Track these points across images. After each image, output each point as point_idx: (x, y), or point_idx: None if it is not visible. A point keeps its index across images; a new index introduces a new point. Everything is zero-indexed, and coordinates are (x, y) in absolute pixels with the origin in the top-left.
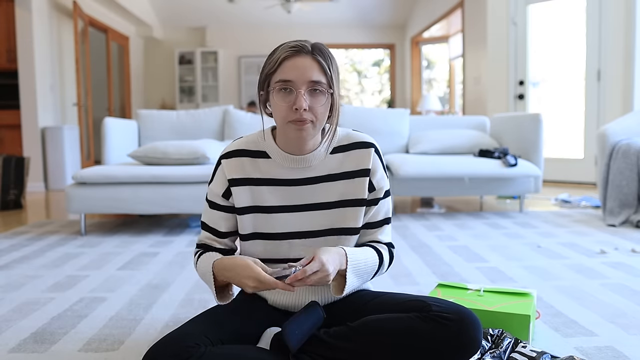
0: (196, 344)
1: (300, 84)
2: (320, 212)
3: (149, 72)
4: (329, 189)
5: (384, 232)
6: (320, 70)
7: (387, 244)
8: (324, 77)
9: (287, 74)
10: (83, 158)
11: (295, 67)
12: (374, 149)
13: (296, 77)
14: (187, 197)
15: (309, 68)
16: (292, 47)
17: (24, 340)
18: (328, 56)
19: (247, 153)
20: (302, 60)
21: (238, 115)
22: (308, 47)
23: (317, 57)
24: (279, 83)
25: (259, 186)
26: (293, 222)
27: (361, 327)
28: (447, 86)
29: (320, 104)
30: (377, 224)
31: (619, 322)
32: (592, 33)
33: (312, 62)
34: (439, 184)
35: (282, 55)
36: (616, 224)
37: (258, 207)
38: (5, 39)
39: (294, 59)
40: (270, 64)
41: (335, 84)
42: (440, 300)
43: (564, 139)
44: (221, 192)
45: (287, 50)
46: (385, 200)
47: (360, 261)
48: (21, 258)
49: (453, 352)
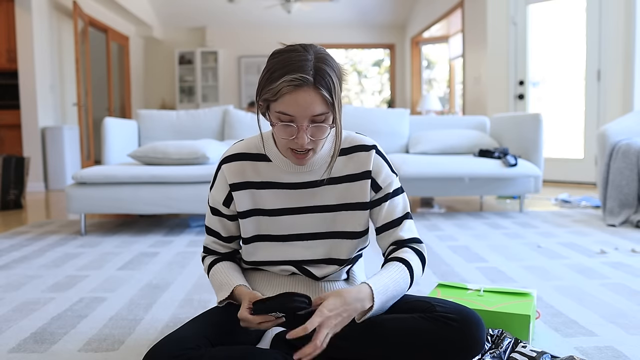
0: (196, 345)
1: (302, 118)
2: (322, 215)
3: (149, 72)
4: (330, 192)
5: (404, 228)
6: (324, 101)
7: (412, 241)
8: (326, 106)
9: (287, 108)
10: (83, 158)
11: (296, 103)
12: (374, 150)
13: (298, 113)
14: (187, 197)
15: (311, 103)
16: (292, 81)
17: (24, 340)
18: (332, 82)
19: (248, 157)
20: (303, 95)
21: (238, 115)
22: (310, 80)
23: (320, 90)
24: (280, 114)
25: (261, 189)
26: (295, 225)
27: (364, 327)
28: (447, 86)
29: (324, 135)
30: (396, 221)
31: (619, 322)
32: (592, 33)
33: (314, 95)
34: (439, 184)
35: (282, 88)
36: (616, 224)
37: (260, 210)
38: (5, 39)
39: (295, 94)
40: (269, 90)
41: (338, 106)
42: (444, 301)
43: (564, 139)
44: (222, 199)
45: (287, 84)
46: (398, 197)
47: (389, 290)
48: (21, 258)
49: (456, 352)
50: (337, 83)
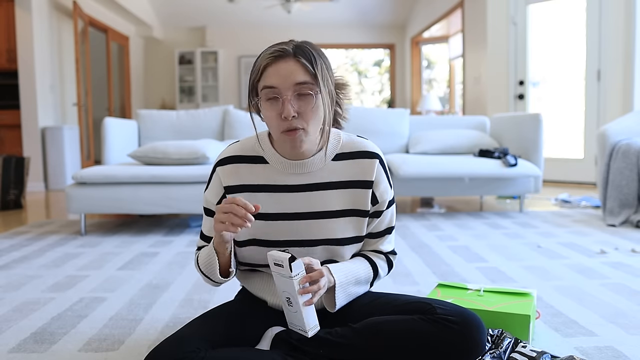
0: (197, 348)
1: (285, 89)
2: (320, 221)
3: (149, 72)
4: (329, 197)
5: (385, 242)
6: (305, 70)
7: (388, 253)
8: (309, 76)
9: (270, 79)
10: (83, 158)
11: (277, 73)
12: (378, 160)
13: (279, 83)
14: (187, 197)
15: (292, 71)
16: (272, 53)
17: (24, 340)
18: (312, 55)
19: (243, 159)
20: (284, 65)
21: (238, 115)
22: (289, 50)
23: (299, 59)
24: (265, 91)
25: (256, 192)
26: (291, 230)
27: (364, 328)
28: (447, 86)
29: (310, 107)
30: (379, 234)
31: (619, 322)
32: (592, 33)
33: (295, 64)
34: (439, 184)
35: (263, 62)
36: (616, 224)
37: (255, 215)
38: (5, 39)
39: (276, 65)
40: (254, 72)
41: (324, 81)
42: (444, 303)
43: (564, 139)
44: (216, 202)
45: (267, 57)
46: (389, 210)
47: (350, 279)
48: (21, 258)
49: (457, 355)
50: (321, 61)
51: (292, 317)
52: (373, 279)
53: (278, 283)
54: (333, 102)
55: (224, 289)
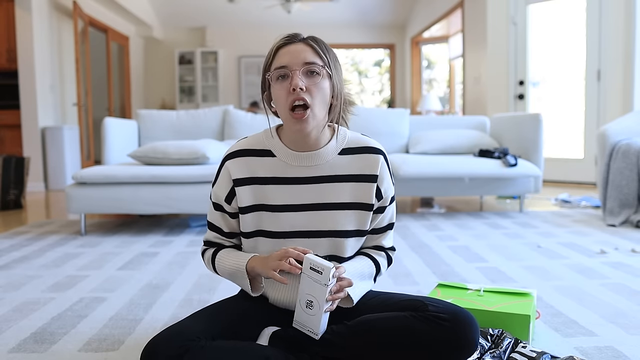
0: (196, 337)
1: (295, 66)
2: (326, 213)
3: (149, 72)
4: (335, 190)
5: (386, 238)
6: (315, 53)
7: (389, 249)
8: (318, 59)
9: (281, 59)
10: (83, 158)
11: (288, 53)
12: (382, 156)
13: (290, 61)
14: (187, 197)
15: (302, 51)
16: (284, 37)
17: (24, 340)
18: (322, 43)
19: (252, 152)
20: (295, 46)
21: (238, 115)
22: (301, 36)
23: (310, 43)
24: (276, 71)
25: (264, 185)
26: (298, 222)
27: (358, 325)
28: (447, 86)
29: (317, 85)
30: (381, 229)
31: (619, 322)
32: (592, 33)
33: (305, 46)
34: (439, 184)
35: (275, 45)
36: (616, 224)
37: (263, 206)
38: (5, 39)
39: (288, 46)
40: (266, 58)
41: (333, 67)
42: (437, 301)
43: (564, 139)
44: (224, 196)
45: (280, 40)
46: (391, 207)
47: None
48: (21, 258)
49: (449, 353)
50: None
51: (305, 319)
52: (376, 274)
53: (304, 286)
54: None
55: (224, 288)
